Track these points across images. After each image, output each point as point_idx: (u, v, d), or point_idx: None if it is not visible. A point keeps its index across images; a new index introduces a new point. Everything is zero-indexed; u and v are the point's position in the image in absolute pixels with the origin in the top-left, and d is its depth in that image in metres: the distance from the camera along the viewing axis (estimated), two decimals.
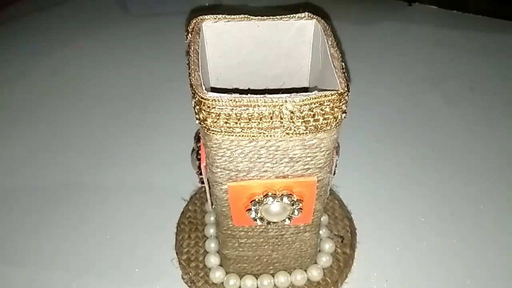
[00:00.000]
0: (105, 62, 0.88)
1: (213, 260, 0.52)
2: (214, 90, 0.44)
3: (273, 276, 0.51)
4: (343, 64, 0.34)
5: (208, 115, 0.32)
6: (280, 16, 0.39)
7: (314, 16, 0.39)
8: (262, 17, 0.39)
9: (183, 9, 0.91)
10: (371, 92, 0.79)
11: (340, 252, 0.54)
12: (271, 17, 0.39)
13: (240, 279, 0.51)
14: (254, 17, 0.39)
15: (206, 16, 0.39)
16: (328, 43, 0.36)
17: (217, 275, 0.51)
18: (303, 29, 0.40)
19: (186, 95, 0.35)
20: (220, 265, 0.52)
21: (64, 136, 0.72)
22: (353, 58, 0.84)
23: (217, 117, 0.32)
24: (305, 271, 0.51)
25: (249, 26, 0.40)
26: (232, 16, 0.39)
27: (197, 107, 0.33)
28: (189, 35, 0.38)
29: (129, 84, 0.83)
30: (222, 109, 0.32)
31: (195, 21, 0.38)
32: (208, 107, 0.32)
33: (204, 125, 0.33)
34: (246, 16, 0.39)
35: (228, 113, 0.32)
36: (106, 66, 0.87)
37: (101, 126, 0.74)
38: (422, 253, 0.55)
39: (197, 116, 0.33)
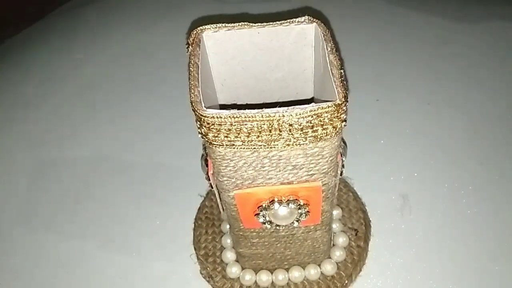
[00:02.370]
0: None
1: (229, 255, 0.54)
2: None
3: (288, 271, 0.52)
4: (342, 72, 0.34)
5: (208, 130, 0.33)
6: (280, 22, 0.39)
7: (314, 20, 0.39)
8: (262, 24, 0.39)
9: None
10: (382, 86, 0.77)
11: (354, 245, 0.55)
12: (271, 22, 0.39)
13: (256, 274, 0.52)
14: (254, 24, 0.39)
15: (206, 26, 0.39)
16: (327, 49, 0.36)
17: (233, 270, 0.53)
18: (303, 33, 0.39)
19: None
20: (237, 260, 0.54)
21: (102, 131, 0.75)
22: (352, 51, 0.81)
23: (218, 132, 0.33)
24: (319, 265, 0.52)
25: (249, 33, 0.40)
26: (232, 24, 0.39)
27: (198, 122, 0.33)
28: (190, 47, 0.38)
29: (156, 77, 0.84)
30: (221, 125, 0.32)
31: (195, 32, 0.39)
32: (208, 123, 0.33)
33: (206, 139, 0.34)
34: (246, 23, 0.39)
35: (228, 128, 0.33)
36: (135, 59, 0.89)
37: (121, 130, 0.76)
38: (437, 244, 0.55)
39: (199, 130, 0.34)
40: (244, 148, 0.34)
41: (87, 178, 0.68)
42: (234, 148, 0.34)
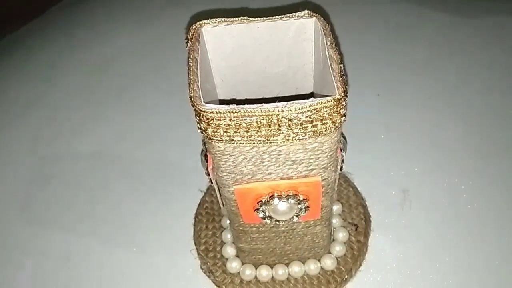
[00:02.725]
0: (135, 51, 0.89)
1: (229, 250, 0.54)
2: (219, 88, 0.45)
3: (288, 266, 0.52)
4: (342, 66, 0.34)
5: (208, 126, 0.33)
6: (280, 16, 0.39)
7: (313, 14, 0.39)
8: (262, 18, 0.39)
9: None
10: (382, 81, 0.77)
11: (354, 240, 0.55)
12: (271, 17, 0.39)
13: (256, 269, 0.53)
14: (253, 19, 0.39)
15: (205, 21, 0.39)
16: (327, 43, 0.36)
17: (233, 265, 0.53)
18: (303, 27, 0.39)
19: None
20: (237, 255, 0.54)
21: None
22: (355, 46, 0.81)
23: (217, 127, 0.33)
24: (319, 260, 0.52)
25: (249, 28, 0.39)
26: (232, 19, 0.39)
27: (197, 118, 0.33)
28: (189, 42, 0.38)
29: (160, 72, 0.84)
30: (220, 120, 0.32)
31: (194, 27, 0.39)
32: (207, 118, 0.32)
33: (206, 134, 0.34)
34: (245, 18, 0.39)
35: (227, 123, 0.33)
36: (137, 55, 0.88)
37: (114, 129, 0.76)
38: (437, 239, 0.55)
39: (198, 125, 0.34)
40: (243, 143, 0.34)
41: (88, 174, 0.68)
42: (233, 143, 0.34)
